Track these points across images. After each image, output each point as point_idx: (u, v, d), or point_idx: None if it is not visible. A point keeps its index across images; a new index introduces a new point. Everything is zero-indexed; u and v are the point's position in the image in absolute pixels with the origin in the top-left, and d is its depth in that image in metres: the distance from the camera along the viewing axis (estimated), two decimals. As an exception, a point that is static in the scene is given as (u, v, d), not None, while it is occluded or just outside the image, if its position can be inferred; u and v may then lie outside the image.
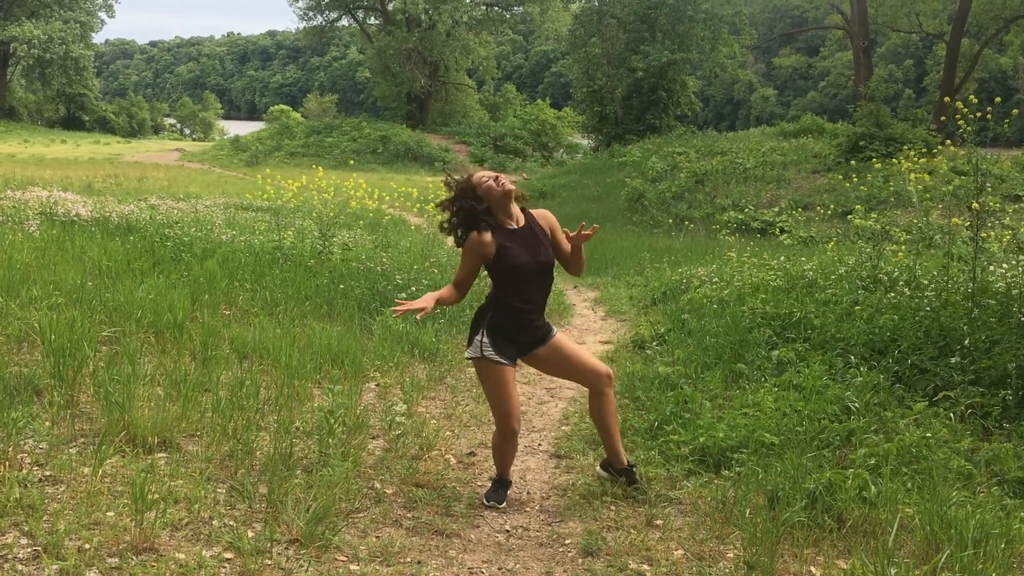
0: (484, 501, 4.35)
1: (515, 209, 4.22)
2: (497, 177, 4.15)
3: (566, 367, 4.40)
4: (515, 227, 4.20)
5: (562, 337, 4.43)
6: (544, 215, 4.33)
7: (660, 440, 5.13)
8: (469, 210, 4.13)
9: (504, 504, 4.38)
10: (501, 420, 4.28)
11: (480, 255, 4.14)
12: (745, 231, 18.37)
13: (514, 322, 4.23)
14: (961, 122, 6.61)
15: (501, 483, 4.46)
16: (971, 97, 6.74)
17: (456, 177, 4.25)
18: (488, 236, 4.12)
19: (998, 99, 7.86)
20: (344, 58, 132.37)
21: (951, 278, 6.96)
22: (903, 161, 10.48)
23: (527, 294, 4.21)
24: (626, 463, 4.52)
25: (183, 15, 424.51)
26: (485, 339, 4.19)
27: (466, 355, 4.38)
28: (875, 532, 3.81)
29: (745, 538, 3.80)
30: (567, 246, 4.31)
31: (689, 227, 19.87)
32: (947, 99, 8.31)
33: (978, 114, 6.58)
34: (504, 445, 4.36)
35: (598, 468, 4.67)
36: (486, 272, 4.26)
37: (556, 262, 4.32)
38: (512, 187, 4.16)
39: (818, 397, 5.31)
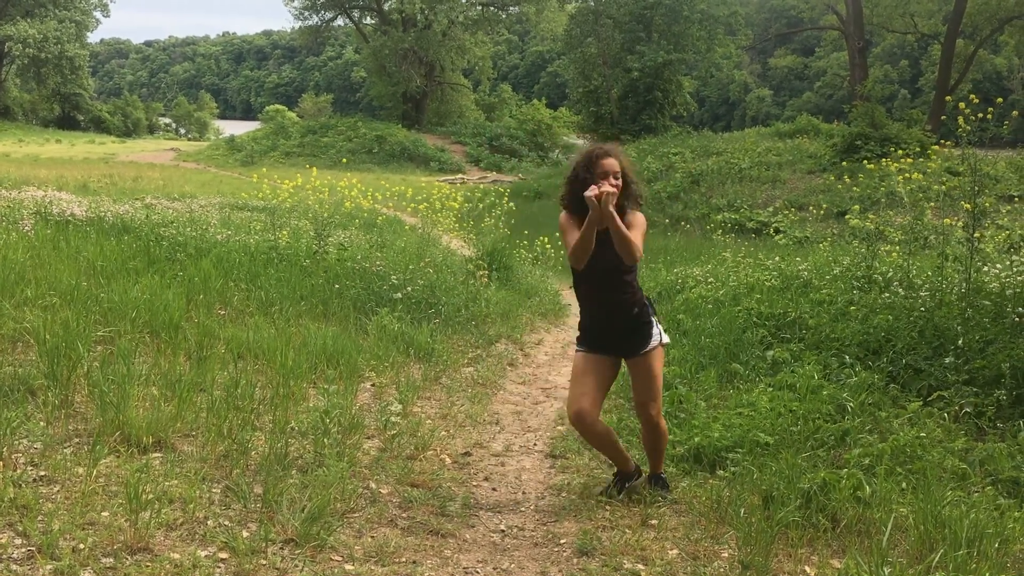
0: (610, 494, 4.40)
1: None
2: (606, 195, 3.96)
3: (633, 384, 4.39)
4: (599, 228, 4.16)
5: (651, 360, 4.28)
6: (632, 218, 4.21)
7: (655, 440, 5.13)
8: (574, 182, 4.19)
9: (620, 496, 4.39)
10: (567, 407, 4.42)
11: (568, 232, 4.22)
12: (740, 231, 18.41)
13: (586, 315, 4.37)
14: (961, 121, 6.63)
15: (618, 476, 4.50)
16: (971, 97, 6.74)
17: (594, 152, 4.23)
18: (566, 219, 4.24)
19: (999, 99, 7.87)
20: (340, 58, 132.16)
21: (945, 278, 6.98)
22: (892, 163, 10.51)
23: (586, 291, 4.30)
24: (655, 472, 4.54)
25: (178, 14, 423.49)
26: (577, 335, 4.42)
27: None
28: (869, 532, 3.83)
29: (740, 538, 3.81)
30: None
31: (684, 227, 19.90)
32: (948, 98, 8.34)
33: (979, 115, 6.59)
34: (581, 432, 4.38)
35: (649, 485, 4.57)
36: None
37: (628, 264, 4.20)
38: (610, 214, 3.98)
39: (813, 397, 5.33)
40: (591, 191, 3.99)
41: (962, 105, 6.63)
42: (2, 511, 3.50)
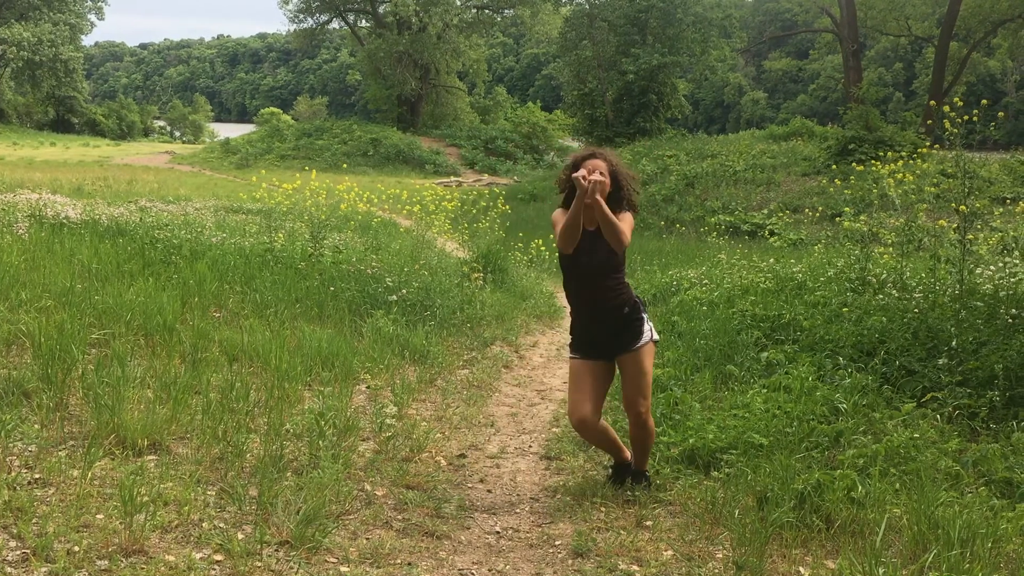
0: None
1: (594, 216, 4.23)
2: (592, 184, 4.06)
3: (623, 381, 4.46)
4: (589, 229, 4.28)
5: (642, 357, 4.35)
6: (620, 215, 4.28)
7: (650, 441, 5.14)
8: (563, 182, 4.37)
9: (623, 487, 4.51)
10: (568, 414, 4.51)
11: (558, 224, 4.33)
12: (735, 233, 18.44)
13: (578, 317, 4.44)
14: (947, 124, 6.66)
15: (617, 468, 4.63)
16: (956, 100, 6.79)
17: (581, 153, 4.38)
18: (560, 214, 4.34)
19: (984, 101, 7.92)
20: (335, 61, 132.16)
21: (939, 280, 7.01)
22: (880, 166, 10.56)
23: (576, 290, 4.38)
24: (638, 468, 4.63)
25: (173, 17, 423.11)
26: (570, 340, 4.50)
27: None
28: (863, 532, 3.84)
29: (734, 538, 3.82)
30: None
31: (679, 229, 19.93)
32: (932, 103, 8.39)
33: (965, 117, 6.62)
34: (584, 437, 4.54)
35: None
36: None
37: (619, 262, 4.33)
38: (596, 201, 4.08)
39: (807, 398, 5.34)
40: (580, 172, 4.11)
41: (947, 108, 6.66)
42: (-3, 514, 3.50)
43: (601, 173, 4.19)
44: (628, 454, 4.62)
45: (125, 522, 3.50)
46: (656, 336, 4.48)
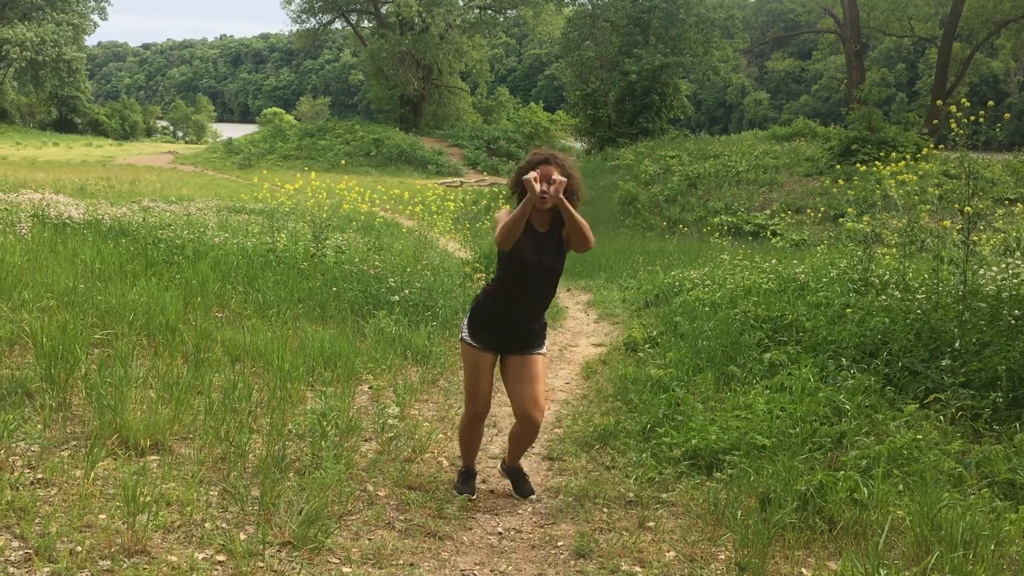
0: (455, 493, 4.45)
1: (548, 218, 4.26)
2: (544, 193, 4.11)
3: (515, 385, 4.37)
4: (539, 230, 4.27)
5: (539, 362, 4.38)
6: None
7: (652, 442, 5.14)
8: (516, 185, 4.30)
9: (476, 495, 4.47)
10: (467, 402, 4.46)
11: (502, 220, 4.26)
12: (737, 234, 18.41)
13: (500, 312, 4.32)
14: (953, 125, 6.65)
15: (467, 474, 4.58)
16: (963, 100, 6.76)
17: (535, 157, 4.30)
18: (506, 212, 4.27)
19: (990, 103, 7.91)
20: (337, 61, 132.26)
21: (941, 281, 7.00)
22: (882, 167, 10.55)
23: (520, 289, 4.29)
24: (516, 466, 4.64)
25: (175, 17, 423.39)
26: (466, 322, 4.42)
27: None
28: (866, 534, 3.83)
29: (737, 540, 3.82)
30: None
31: (682, 230, 19.92)
32: (938, 103, 8.36)
33: (971, 118, 6.61)
34: (468, 429, 4.49)
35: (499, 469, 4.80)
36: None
37: (560, 273, 4.35)
38: (546, 206, 4.17)
39: (809, 399, 5.33)
40: (531, 175, 4.08)
41: (953, 108, 6.65)
42: (0, 514, 3.50)
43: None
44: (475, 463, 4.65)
45: (128, 522, 3.50)
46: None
